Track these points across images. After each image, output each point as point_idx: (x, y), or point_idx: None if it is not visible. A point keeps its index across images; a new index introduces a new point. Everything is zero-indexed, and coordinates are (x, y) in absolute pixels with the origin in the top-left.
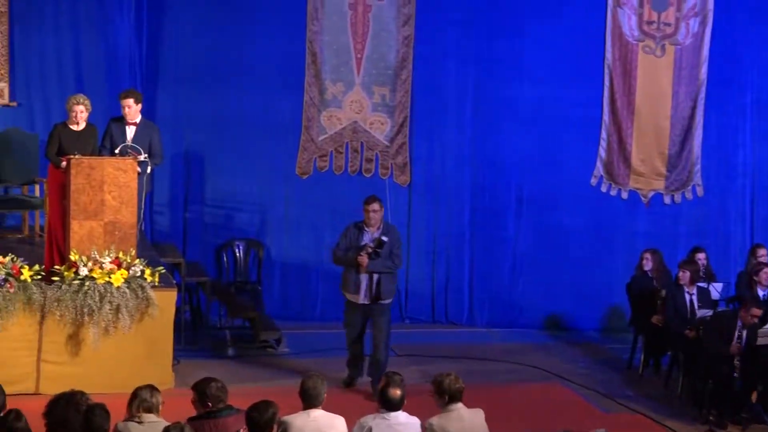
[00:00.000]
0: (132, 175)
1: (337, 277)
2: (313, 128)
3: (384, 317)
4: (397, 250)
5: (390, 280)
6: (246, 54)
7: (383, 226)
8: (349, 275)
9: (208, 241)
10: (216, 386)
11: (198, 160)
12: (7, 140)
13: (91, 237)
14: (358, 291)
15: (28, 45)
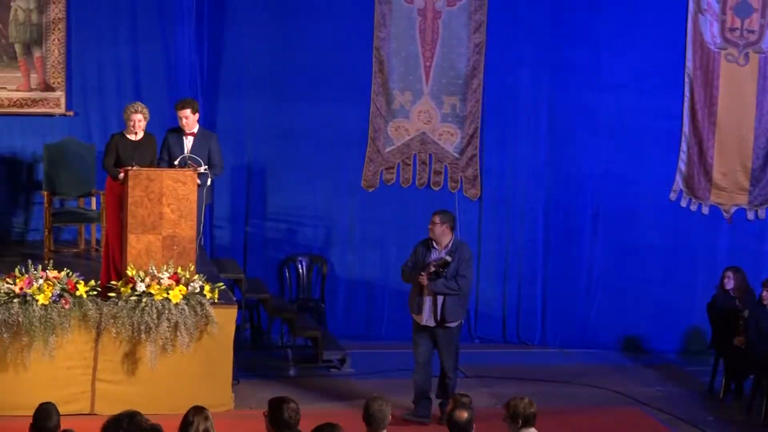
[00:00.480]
0: (191, 187)
1: (403, 295)
2: (379, 139)
3: (450, 344)
4: (465, 270)
5: (456, 302)
6: (310, 63)
7: (453, 243)
8: (414, 294)
9: (270, 256)
10: (291, 408)
11: (260, 173)
12: (64, 151)
13: (149, 251)
14: (421, 312)
15: (85, 53)
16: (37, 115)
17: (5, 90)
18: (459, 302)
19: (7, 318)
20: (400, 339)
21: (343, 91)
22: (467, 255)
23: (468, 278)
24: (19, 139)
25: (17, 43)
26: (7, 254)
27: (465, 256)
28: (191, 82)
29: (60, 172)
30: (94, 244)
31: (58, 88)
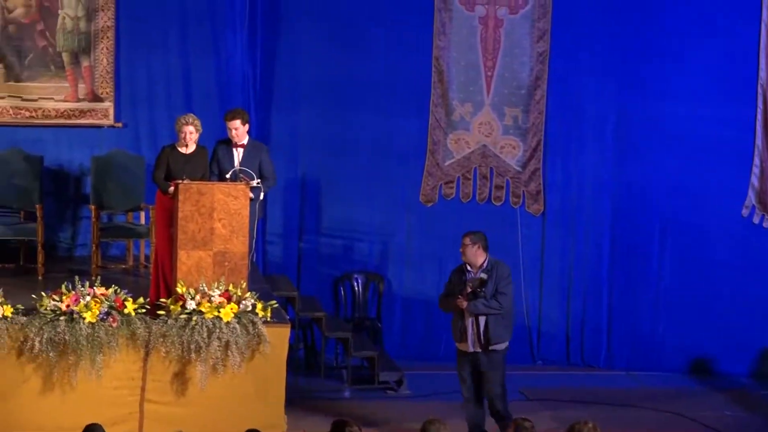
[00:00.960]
0: (243, 201)
1: None
2: (438, 152)
3: (496, 369)
4: (505, 287)
5: (499, 321)
6: (367, 72)
7: (488, 262)
8: (455, 321)
9: (325, 273)
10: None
11: (314, 187)
12: (112, 163)
13: (200, 268)
14: (465, 338)
15: (134, 62)
16: (85, 126)
17: (52, 101)
18: (503, 322)
19: (54, 336)
20: None
21: (400, 102)
22: (505, 272)
23: (509, 296)
24: (67, 151)
25: (65, 52)
26: (53, 270)
27: (503, 273)
28: (243, 93)
29: (108, 185)
30: (142, 260)
31: (106, 99)
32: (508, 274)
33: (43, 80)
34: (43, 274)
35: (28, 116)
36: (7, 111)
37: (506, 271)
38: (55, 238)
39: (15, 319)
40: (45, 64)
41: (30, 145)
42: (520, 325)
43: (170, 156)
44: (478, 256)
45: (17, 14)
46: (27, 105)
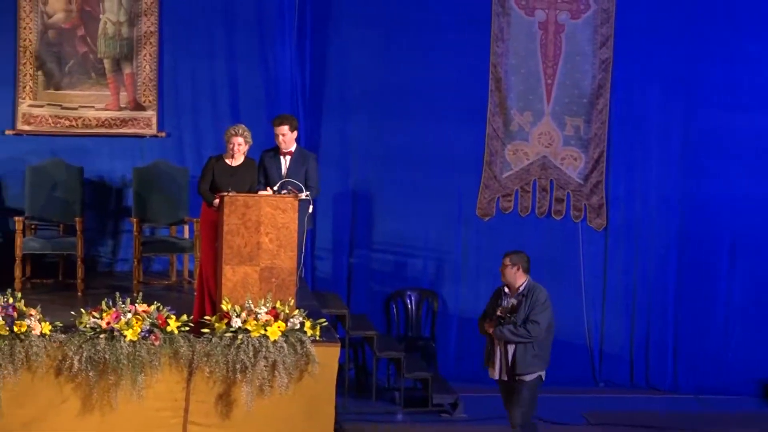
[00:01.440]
0: (291, 215)
1: None
2: (496, 164)
3: (523, 400)
4: (537, 315)
5: (529, 350)
6: (421, 80)
7: (525, 286)
8: (486, 346)
9: (376, 290)
10: None
11: (366, 199)
12: (155, 175)
13: (246, 284)
14: (493, 364)
15: (178, 69)
16: (127, 136)
17: (93, 109)
18: (533, 352)
19: (93, 355)
20: None
21: (456, 111)
22: (541, 298)
23: (542, 324)
24: (108, 161)
25: (106, 59)
26: (93, 286)
27: (538, 299)
28: (292, 101)
29: (151, 197)
30: (186, 275)
31: (149, 107)
32: (544, 300)
33: (84, 88)
34: (83, 290)
35: (68, 125)
36: (46, 120)
37: (542, 297)
38: (95, 253)
39: (53, 337)
40: (86, 71)
41: (70, 155)
42: (581, 346)
43: (216, 167)
44: (517, 278)
45: (57, 19)
46: (67, 113)
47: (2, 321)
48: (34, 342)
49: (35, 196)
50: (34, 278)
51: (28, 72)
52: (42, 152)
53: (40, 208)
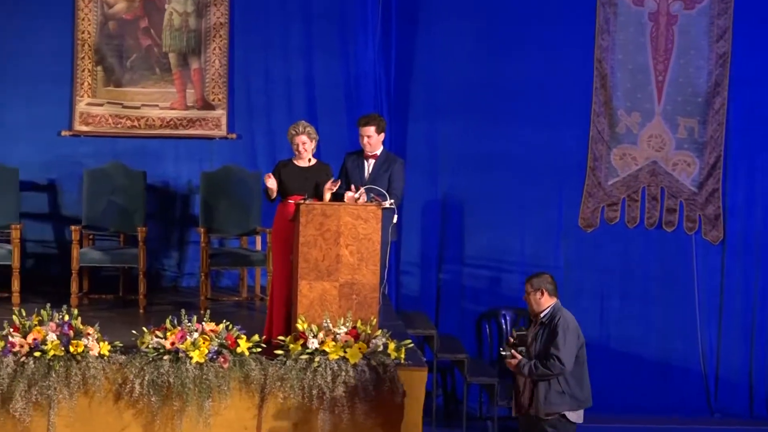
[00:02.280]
0: (374, 225)
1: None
2: (600, 169)
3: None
4: (558, 348)
5: (553, 386)
6: (517, 78)
7: (549, 312)
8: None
9: (467, 309)
10: None
11: (456, 209)
12: (224, 180)
13: (323, 301)
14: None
15: (250, 65)
16: (194, 137)
17: (157, 108)
18: (558, 388)
19: (156, 378)
20: (627, 411)
21: (556, 112)
22: (563, 327)
23: (563, 359)
24: (173, 166)
25: (172, 53)
26: (156, 302)
27: (558, 329)
28: (376, 100)
29: (219, 205)
30: (258, 291)
31: (218, 106)
32: (565, 330)
33: (147, 85)
34: (145, 306)
35: (130, 126)
36: (105, 119)
37: (564, 326)
38: (158, 266)
39: (113, 358)
40: (149, 67)
41: (131, 158)
42: (694, 372)
43: (284, 170)
44: (542, 303)
45: (118, 9)
46: (128, 113)
47: (57, 340)
48: (92, 364)
49: (93, 203)
50: (91, 293)
51: (86, 67)
52: (101, 155)
53: (98, 217)
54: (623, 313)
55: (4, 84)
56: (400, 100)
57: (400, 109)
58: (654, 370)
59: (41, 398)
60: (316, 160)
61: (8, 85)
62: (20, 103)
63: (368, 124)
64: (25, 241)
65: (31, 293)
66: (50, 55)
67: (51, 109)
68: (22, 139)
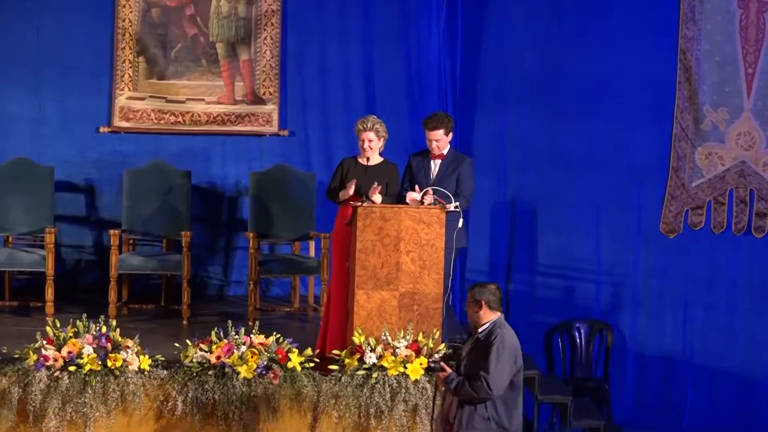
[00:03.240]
0: (438, 230)
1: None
2: (684, 170)
3: None
4: (486, 371)
5: (478, 410)
6: (593, 70)
7: (487, 328)
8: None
9: (538, 321)
10: None
11: (527, 211)
12: (276, 181)
13: (382, 313)
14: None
15: (305, 55)
16: (243, 134)
17: (203, 102)
18: (484, 413)
19: (201, 395)
20: (709, 430)
21: (636, 106)
22: (497, 348)
23: (491, 382)
24: (220, 165)
25: (219, 43)
26: (201, 312)
27: (492, 348)
28: (440, 93)
29: (270, 208)
30: (311, 301)
31: (269, 101)
32: (500, 350)
33: (193, 77)
34: (189, 317)
35: (174, 121)
36: (147, 115)
37: (501, 346)
38: (204, 273)
39: (154, 373)
40: (195, 58)
41: (175, 157)
42: None
43: (349, 168)
44: (480, 317)
45: None
46: (172, 107)
47: (94, 354)
48: (131, 379)
49: (134, 205)
50: (131, 303)
51: (127, 58)
52: (143, 153)
53: (139, 220)
54: (708, 325)
55: (39, 77)
56: (466, 92)
57: (466, 102)
58: (740, 386)
59: (76, 416)
60: (382, 159)
61: (43, 78)
62: (55, 97)
63: (437, 128)
64: (60, 246)
65: (67, 302)
66: (88, 45)
67: (89, 103)
68: (57, 135)
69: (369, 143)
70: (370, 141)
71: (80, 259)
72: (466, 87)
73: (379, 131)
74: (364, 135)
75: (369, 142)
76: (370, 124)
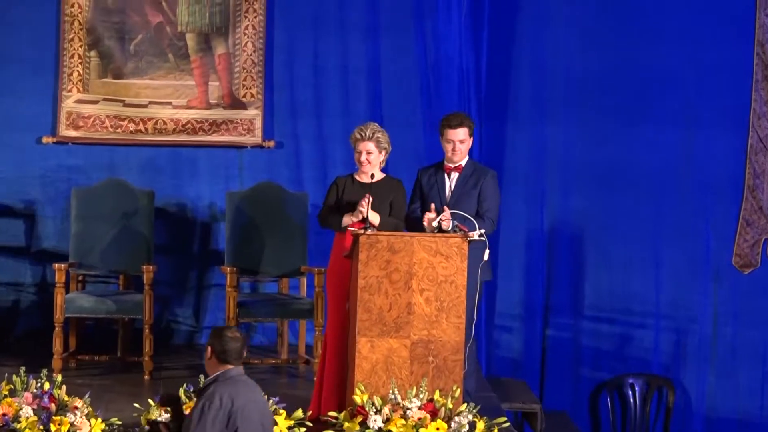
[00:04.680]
0: (459, 263)
1: None
2: (762, 189)
3: None
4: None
5: None
6: (650, 69)
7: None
8: None
9: (583, 376)
10: None
11: (569, 240)
12: (259, 202)
13: (390, 365)
14: None
15: (294, 49)
16: (219, 145)
17: (169, 107)
18: None
19: None
20: None
21: (702, 113)
22: (201, 407)
23: None
24: (190, 183)
25: (190, 33)
26: (167, 365)
27: (196, 406)
28: (461, 96)
29: (253, 236)
30: (302, 351)
31: (251, 104)
32: (203, 410)
33: (157, 76)
34: (152, 371)
35: (133, 130)
36: (101, 122)
37: (206, 405)
38: (170, 317)
39: None
40: (160, 52)
41: (135, 174)
42: None
43: (345, 188)
44: (207, 366)
45: None
46: (132, 113)
47: (34, 416)
48: None
49: (84, 233)
50: (81, 353)
51: (76, 52)
52: (95, 169)
53: (91, 251)
54: None
55: None
56: (494, 94)
57: (494, 106)
58: None
59: None
60: (384, 175)
61: None
62: None
63: (461, 125)
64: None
65: (1, 353)
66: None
67: (29, 107)
68: None
69: (367, 156)
70: (369, 153)
71: (18, 299)
72: (494, 87)
73: (380, 141)
74: (362, 146)
75: (368, 154)
76: (370, 133)
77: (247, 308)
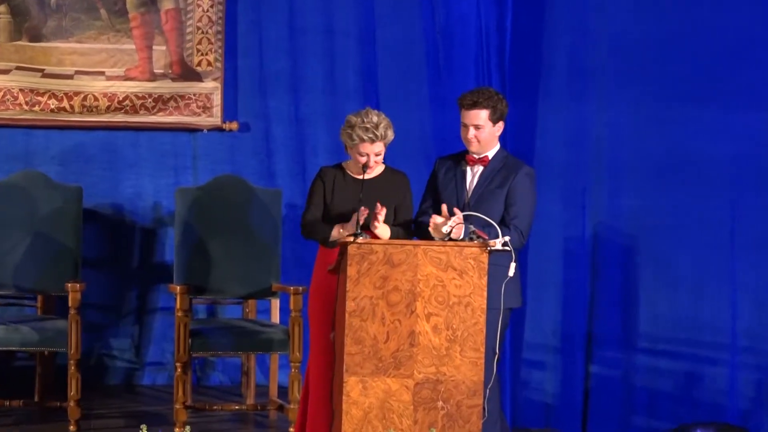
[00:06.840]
0: (477, 281)
1: None
2: None
3: None
4: None
5: None
6: (719, 38)
7: None
8: None
9: (636, 425)
10: None
11: (618, 249)
12: (218, 201)
13: (387, 412)
14: None
15: (263, 7)
16: (167, 128)
17: (102, 77)
18: None
19: None
20: None
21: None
22: None
23: None
24: (129, 177)
25: None
26: (99, 412)
27: None
28: (479, 66)
29: (210, 245)
30: (274, 394)
31: (208, 75)
32: None
33: (86, 38)
34: (79, 419)
35: (55, 108)
36: (13, 97)
37: None
38: (103, 350)
39: None
40: (89, 7)
41: (58, 165)
42: None
43: (334, 186)
44: None
45: None
46: (53, 86)
47: None
48: None
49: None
50: None
51: None
52: (5, 159)
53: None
54: None
55: None
56: (522, 65)
57: (523, 81)
58: None
59: None
60: (384, 167)
61: None
62: None
63: (475, 106)
64: None
65: None
66: None
67: None
68: None
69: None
70: (377, 155)
71: None
72: (521, 55)
73: (387, 135)
74: (369, 148)
75: (377, 156)
76: (383, 131)
77: (202, 339)
